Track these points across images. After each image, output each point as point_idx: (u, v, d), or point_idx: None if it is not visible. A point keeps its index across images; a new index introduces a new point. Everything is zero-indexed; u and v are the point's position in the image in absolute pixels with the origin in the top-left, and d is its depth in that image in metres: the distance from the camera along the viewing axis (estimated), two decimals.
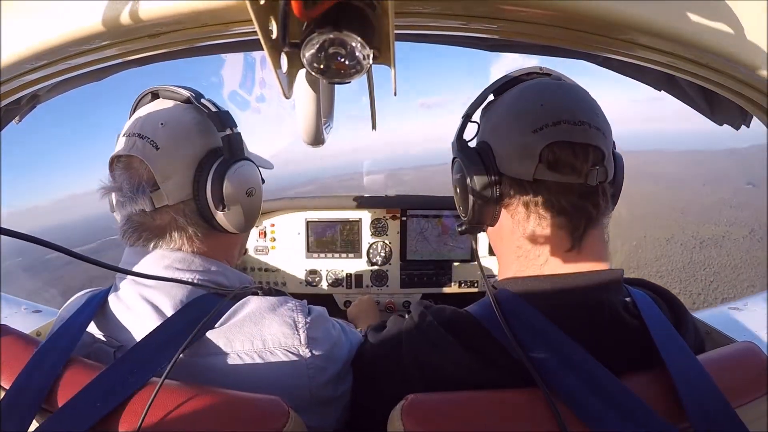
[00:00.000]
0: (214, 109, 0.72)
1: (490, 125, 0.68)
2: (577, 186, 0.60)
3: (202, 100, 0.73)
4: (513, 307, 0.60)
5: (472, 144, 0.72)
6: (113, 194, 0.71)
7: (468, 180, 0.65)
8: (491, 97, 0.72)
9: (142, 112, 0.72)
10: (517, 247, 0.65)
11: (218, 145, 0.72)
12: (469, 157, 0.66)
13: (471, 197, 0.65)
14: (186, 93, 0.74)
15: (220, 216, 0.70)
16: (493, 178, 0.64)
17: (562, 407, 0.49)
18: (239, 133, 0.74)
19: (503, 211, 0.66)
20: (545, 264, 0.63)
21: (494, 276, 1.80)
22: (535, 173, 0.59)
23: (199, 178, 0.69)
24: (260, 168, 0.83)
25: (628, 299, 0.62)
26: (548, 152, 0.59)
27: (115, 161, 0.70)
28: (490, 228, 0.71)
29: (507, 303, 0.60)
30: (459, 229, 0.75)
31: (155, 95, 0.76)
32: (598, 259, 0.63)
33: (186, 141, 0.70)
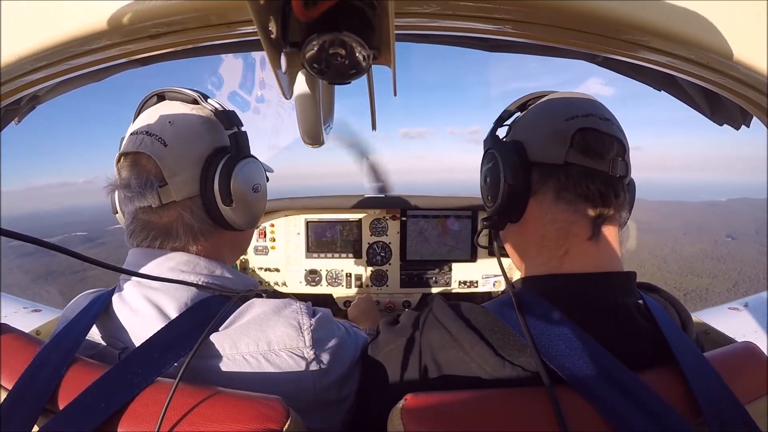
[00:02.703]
0: (220, 108, 0.74)
1: (521, 125, 0.73)
2: (602, 174, 0.64)
3: (209, 101, 0.75)
4: (532, 305, 0.60)
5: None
6: (117, 192, 0.71)
7: (501, 167, 0.68)
8: (518, 114, 0.77)
9: (149, 112, 0.73)
10: (541, 237, 0.67)
11: (225, 144, 0.74)
12: (503, 147, 0.70)
13: (503, 183, 0.68)
14: (192, 94, 0.75)
15: (227, 211, 0.71)
16: (525, 166, 0.67)
17: (583, 404, 0.49)
18: (245, 132, 0.76)
19: (531, 200, 0.68)
20: (565, 256, 0.65)
21: (500, 276, 1.79)
22: (567, 156, 0.64)
23: (206, 175, 0.70)
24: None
25: (640, 302, 0.64)
26: (580, 137, 0.64)
27: (121, 159, 0.70)
28: (511, 225, 0.73)
29: (525, 301, 0.61)
30: (485, 223, 0.77)
31: (161, 97, 0.77)
32: (614, 257, 0.65)
33: (194, 138, 0.70)
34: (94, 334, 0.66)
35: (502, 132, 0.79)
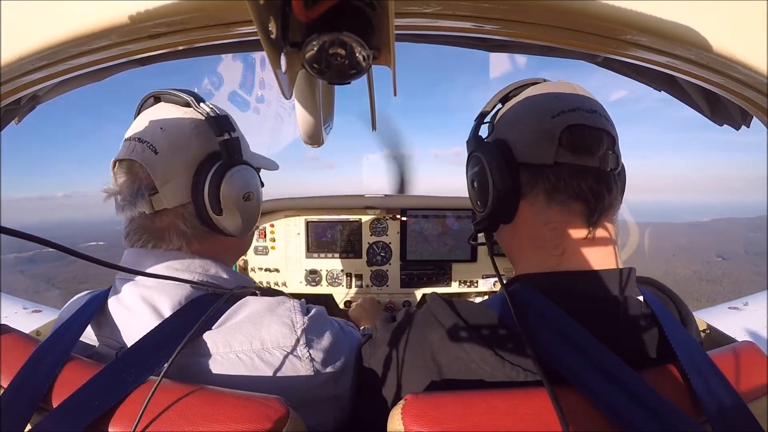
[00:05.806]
0: (212, 113, 0.72)
1: (505, 122, 0.70)
2: (593, 170, 0.62)
3: (201, 105, 0.73)
4: (530, 302, 0.60)
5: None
6: (116, 197, 0.71)
7: (488, 171, 0.66)
8: (499, 106, 0.75)
9: (144, 116, 0.73)
10: (535, 238, 0.66)
11: (217, 149, 0.73)
12: (489, 150, 0.67)
13: (492, 188, 0.66)
14: (186, 97, 0.74)
15: (217, 219, 0.71)
16: (512, 168, 0.65)
17: (584, 403, 0.49)
18: (237, 138, 0.74)
19: (522, 203, 0.67)
20: (563, 255, 0.64)
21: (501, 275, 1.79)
22: (555, 156, 0.62)
23: (197, 182, 0.70)
24: (264, 169, 0.84)
25: (640, 298, 0.63)
26: (567, 134, 0.62)
27: (116, 164, 0.71)
28: (504, 226, 0.71)
29: (524, 298, 0.61)
30: (477, 227, 0.75)
31: (157, 99, 0.77)
32: (611, 254, 0.65)
33: (184, 145, 0.70)
34: (91, 334, 0.66)
35: (484, 130, 0.76)
